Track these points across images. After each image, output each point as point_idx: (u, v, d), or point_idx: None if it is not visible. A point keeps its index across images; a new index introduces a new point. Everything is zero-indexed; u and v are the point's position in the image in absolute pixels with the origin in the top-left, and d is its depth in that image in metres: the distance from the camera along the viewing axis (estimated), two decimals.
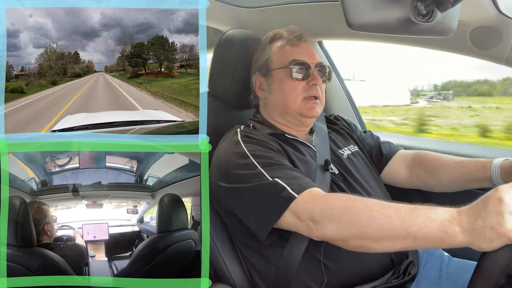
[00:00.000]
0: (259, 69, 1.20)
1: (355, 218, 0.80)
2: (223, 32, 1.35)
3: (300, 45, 1.17)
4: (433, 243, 0.73)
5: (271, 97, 1.18)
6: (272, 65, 1.17)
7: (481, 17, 1.13)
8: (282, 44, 1.17)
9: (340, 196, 0.87)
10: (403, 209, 0.77)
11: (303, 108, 1.12)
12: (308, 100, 1.12)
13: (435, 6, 0.81)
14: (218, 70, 1.31)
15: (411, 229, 0.74)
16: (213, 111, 1.04)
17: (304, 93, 1.12)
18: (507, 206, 0.66)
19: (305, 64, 1.13)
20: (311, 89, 1.12)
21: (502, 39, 1.13)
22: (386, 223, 0.76)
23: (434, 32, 0.88)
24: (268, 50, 1.19)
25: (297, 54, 1.14)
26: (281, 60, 1.16)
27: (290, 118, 1.16)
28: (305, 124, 1.17)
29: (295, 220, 0.89)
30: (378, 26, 0.84)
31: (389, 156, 1.28)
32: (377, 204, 0.80)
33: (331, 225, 0.83)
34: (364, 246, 0.81)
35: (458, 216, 0.71)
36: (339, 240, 0.84)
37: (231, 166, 1.00)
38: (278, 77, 1.16)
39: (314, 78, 1.12)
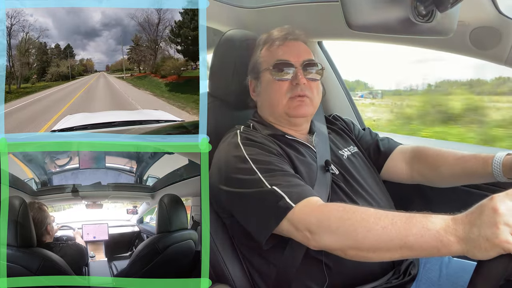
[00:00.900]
0: (251, 72, 1.21)
1: (352, 230, 0.80)
2: (223, 32, 1.35)
3: (286, 44, 1.15)
4: (430, 252, 0.73)
5: (260, 99, 1.19)
6: (261, 67, 1.17)
7: (481, 17, 1.13)
8: (269, 45, 1.17)
9: (337, 206, 0.86)
10: (398, 218, 0.76)
11: (288, 108, 1.11)
12: (294, 99, 1.11)
13: (435, 7, 0.81)
14: (218, 70, 1.31)
15: (407, 239, 0.74)
16: (213, 111, 1.04)
17: (289, 93, 1.11)
18: (502, 216, 0.65)
19: (287, 63, 1.11)
20: (295, 88, 1.11)
21: (502, 39, 1.13)
22: (383, 234, 0.76)
23: (434, 33, 0.88)
24: (259, 53, 1.19)
25: (282, 54, 1.13)
26: (266, 62, 1.15)
27: (280, 118, 1.15)
28: (296, 123, 1.16)
29: (293, 229, 0.89)
30: (378, 26, 0.83)
31: (388, 152, 1.27)
32: (373, 215, 0.80)
33: (328, 236, 0.83)
34: (361, 256, 0.81)
35: (454, 225, 0.71)
36: (337, 250, 0.84)
37: (231, 170, 1.00)
38: (264, 79, 1.16)
39: (297, 77, 1.10)
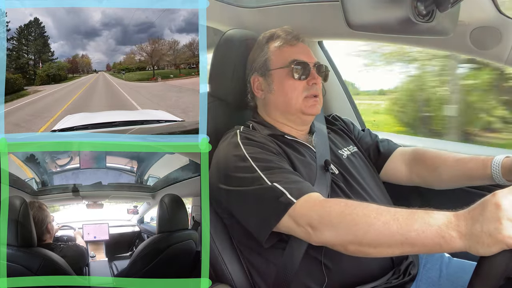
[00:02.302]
0: (257, 69, 1.20)
1: (353, 225, 0.79)
2: (223, 32, 1.35)
3: (298, 45, 1.18)
4: (432, 248, 0.72)
5: (271, 97, 1.18)
6: (271, 65, 1.18)
7: (481, 17, 1.13)
8: (281, 44, 1.18)
9: (339, 201, 0.86)
10: (400, 214, 0.76)
11: (304, 106, 1.14)
12: (309, 99, 1.14)
13: (435, 6, 0.81)
14: (218, 70, 1.31)
15: (409, 235, 0.73)
16: (213, 111, 1.04)
17: (305, 92, 1.14)
18: (505, 212, 0.65)
19: (305, 63, 1.14)
20: (312, 88, 1.14)
21: (502, 39, 1.13)
22: (384, 230, 0.76)
23: (434, 32, 0.88)
24: (266, 50, 1.20)
25: (297, 54, 1.16)
26: (280, 60, 1.16)
27: (291, 116, 1.17)
28: (306, 122, 1.19)
29: (294, 225, 0.89)
30: (378, 26, 0.84)
31: (388, 154, 1.28)
32: (375, 210, 0.79)
33: (329, 231, 0.83)
34: (362, 251, 0.81)
35: (456, 220, 0.70)
36: (338, 245, 0.84)
37: (231, 169, 1.00)
38: (278, 77, 1.16)
39: (314, 78, 1.14)
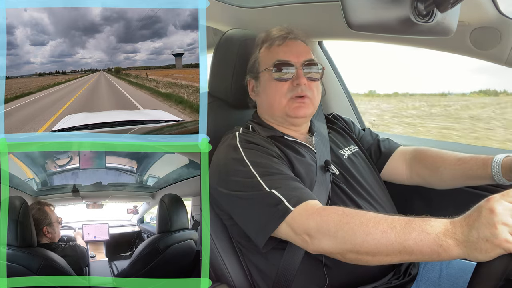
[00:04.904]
0: (250, 71, 1.20)
1: (351, 234, 0.79)
2: (223, 32, 1.35)
3: (286, 44, 1.14)
4: (430, 257, 0.73)
5: (259, 100, 1.18)
6: (260, 67, 1.16)
7: (481, 18, 1.13)
8: (268, 45, 1.16)
9: (336, 210, 0.85)
10: (398, 222, 0.76)
11: (289, 108, 1.10)
12: (294, 100, 1.10)
13: (435, 7, 0.81)
14: (218, 70, 1.31)
15: (407, 244, 0.74)
16: (213, 111, 1.04)
17: (289, 94, 1.10)
18: (499, 216, 0.65)
19: (288, 63, 1.10)
20: (296, 88, 1.10)
21: (502, 39, 1.13)
22: (382, 239, 0.76)
23: (434, 33, 0.88)
24: (257, 52, 1.18)
25: (282, 54, 1.12)
26: (266, 62, 1.14)
27: (279, 119, 1.15)
28: (295, 124, 1.15)
29: (291, 233, 0.89)
30: (378, 26, 0.83)
31: (389, 153, 1.27)
32: (373, 219, 0.79)
33: (327, 240, 0.82)
34: (361, 259, 0.81)
35: (453, 228, 0.71)
36: (336, 254, 0.84)
37: (230, 173, 1.00)
38: (264, 79, 1.15)
39: (298, 78, 1.09)
